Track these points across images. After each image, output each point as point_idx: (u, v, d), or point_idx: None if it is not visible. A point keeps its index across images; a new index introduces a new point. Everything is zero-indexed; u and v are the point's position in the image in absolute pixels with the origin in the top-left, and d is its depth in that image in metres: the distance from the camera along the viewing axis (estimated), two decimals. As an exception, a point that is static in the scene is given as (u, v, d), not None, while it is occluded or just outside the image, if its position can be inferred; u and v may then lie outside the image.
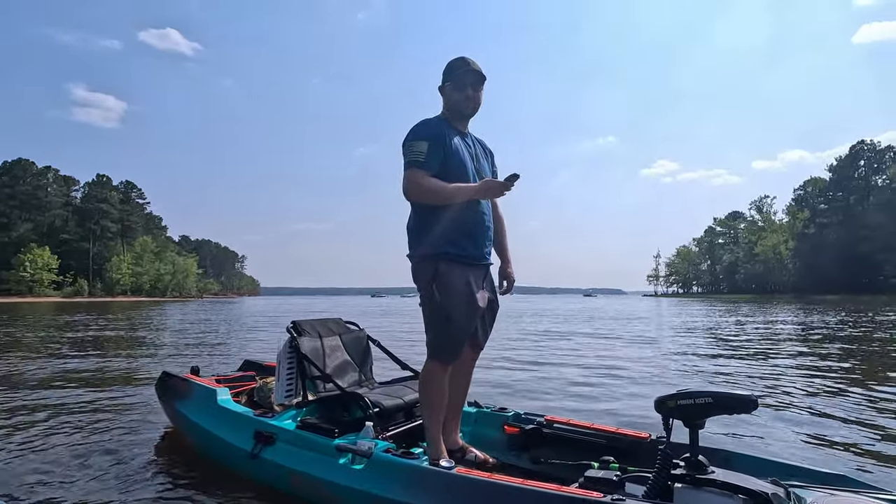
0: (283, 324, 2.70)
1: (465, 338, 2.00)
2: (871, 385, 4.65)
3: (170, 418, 3.04)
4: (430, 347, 1.98)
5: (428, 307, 1.97)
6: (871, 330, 10.93)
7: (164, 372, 3.07)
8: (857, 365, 6.02)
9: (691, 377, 5.32)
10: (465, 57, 2.06)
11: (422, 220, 2.00)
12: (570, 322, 15.23)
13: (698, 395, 1.49)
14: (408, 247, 2.06)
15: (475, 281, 2.01)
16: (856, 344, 8.33)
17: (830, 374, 5.33)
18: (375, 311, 26.22)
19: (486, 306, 2.07)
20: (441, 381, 1.98)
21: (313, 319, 2.74)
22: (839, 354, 6.98)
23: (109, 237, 79.39)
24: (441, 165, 1.94)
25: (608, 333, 10.94)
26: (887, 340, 8.84)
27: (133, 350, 7.95)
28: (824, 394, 4.35)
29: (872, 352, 7.40)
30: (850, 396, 4.20)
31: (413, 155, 1.91)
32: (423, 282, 1.97)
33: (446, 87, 2.07)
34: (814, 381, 4.92)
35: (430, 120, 2.05)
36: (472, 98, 2.06)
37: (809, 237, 69.63)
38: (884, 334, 9.94)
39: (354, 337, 2.85)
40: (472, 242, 2.00)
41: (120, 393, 4.42)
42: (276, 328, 12.26)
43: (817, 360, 6.44)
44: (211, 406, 2.53)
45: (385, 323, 15.14)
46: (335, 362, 2.61)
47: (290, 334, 2.52)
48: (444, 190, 1.89)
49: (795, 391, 4.42)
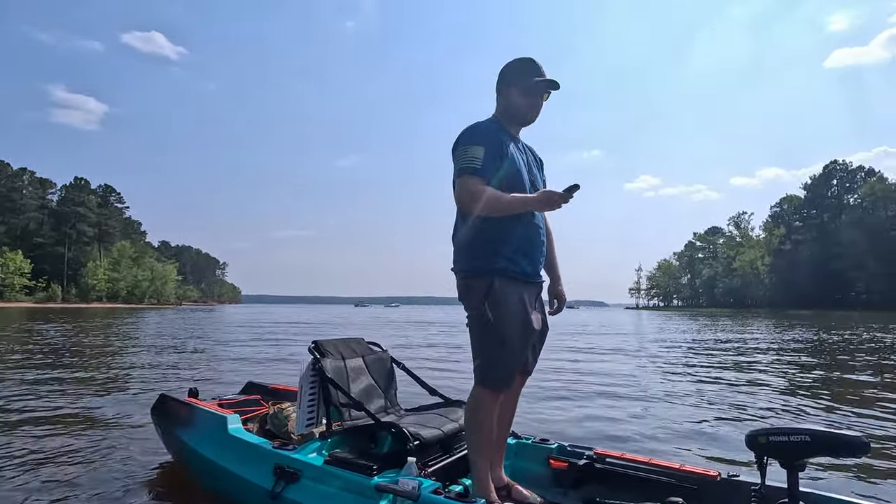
0: (266, 336, 2.62)
1: (519, 363, 1.84)
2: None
3: (168, 448, 2.75)
4: (479, 373, 1.80)
5: (478, 328, 1.79)
6: (835, 350, 10.90)
7: (162, 395, 2.76)
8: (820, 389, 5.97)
9: (675, 394, 5.14)
10: (534, 60, 1.89)
11: (474, 231, 1.82)
12: (561, 336, 15.22)
13: (794, 433, 1.36)
14: (454, 261, 1.90)
15: (529, 300, 1.84)
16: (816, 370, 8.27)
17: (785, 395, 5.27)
18: (362, 321, 25.81)
19: (540, 329, 1.90)
20: (491, 412, 1.81)
21: (334, 339, 2.51)
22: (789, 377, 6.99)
23: (86, 242, 77.47)
24: (497, 173, 1.79)
25: (594, 347, 10.93)
26: (850, 366, 8.54)
27: (99, 363, 7.52)
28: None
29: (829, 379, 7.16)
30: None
31: (468, 161, 1.75)
32: (474, 300, 1.79)
33: (510, 90, 1.89)
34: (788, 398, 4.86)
35: (484, 123, 1.88)
36: (539, 106, 1.91)
37: (785, 253, 71.38)
38: (848, 357, 9.68)
39: (378, 358, 2.61)
40: (527, 258, 1.84)
41: (94, 417, 3.94)
42: (259, 342, 11.78)
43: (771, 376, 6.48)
44: (220, 435, 2.25)
45: (376, 335, 14.90)
46: (359, 386, 2.38)
47: (313, 355, 2.28)
48: (502, 200, 1.72)
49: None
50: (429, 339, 13.23)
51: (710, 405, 4.69)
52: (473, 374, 1.81)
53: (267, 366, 7.50)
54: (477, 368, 1.81)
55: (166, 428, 2.63)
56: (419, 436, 1.98)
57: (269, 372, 6.69)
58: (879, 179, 64.16)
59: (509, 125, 1.93)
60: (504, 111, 1.93)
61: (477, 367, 1.81)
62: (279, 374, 6.24)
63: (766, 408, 4.59)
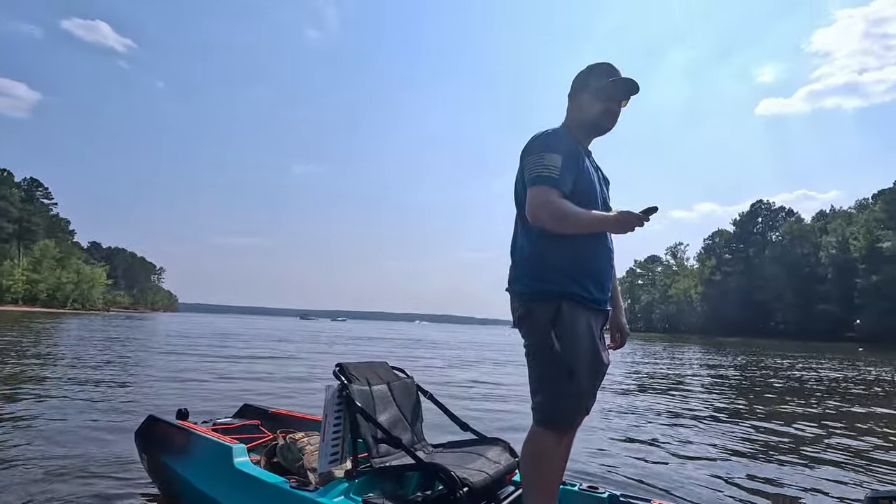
0: (196, 349, 2.48)
1: (587, 400, 1.63)
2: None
3: (155, 479, 2.44)
4: (541, 412, 1.60)
5: (542, 359, 1.59)
6: (749, 376, 11.98)
7: (151, 416, 2.46)
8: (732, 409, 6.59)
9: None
10: (611, 63, 1.71)
11: (542, 248, 1.62)
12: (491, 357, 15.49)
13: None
14: (513, 279, 1.70)
15: (596, 330, 1.65)
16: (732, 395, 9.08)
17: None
18: (309, 335, 24.97)
19: (607, 363, 1.68)
20: (556, 457, 1.61)
21: (358, 362, 2.21)
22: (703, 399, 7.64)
23: (4, 238, 71.12)
24: (572, 186, 1.60)
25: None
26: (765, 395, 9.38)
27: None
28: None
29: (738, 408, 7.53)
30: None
31: (546, 169, 1.56)
32: (538, 326, 1.59)
33: (582, 95, 1.71)
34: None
35: (559, 130, 1.68)
36: (615, 113, 1.71)
37: (715, 283, 76.19)
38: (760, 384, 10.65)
39: (403, 386, 2.31)
40: (596, 283, 1.64)
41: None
42: (190, 356, 11.40)
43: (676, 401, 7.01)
44: (224, 469, 1.96)
45: (324, 350, 14.64)
46: (386, 417, 2.09)
47: (339, 379, 1.97)
48: (582, 218, 1.53)
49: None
50: (387, 355, 13.14)
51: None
52: (533, 413, 1.62)
53: (185, 386, 6.94)
54: (538, 406, 1.60)
55: (154, 456, 2.31)
56: (468, 481, 1.71)
57: (188, 394, 6.26)
58: (797, 220, 70.30)
59: (580, 135, 1.74)
60: (574, 119, 1.74)
61: (538, 404, 1.60)
62: (210, 395, 5.98)
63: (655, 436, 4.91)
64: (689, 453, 4.01)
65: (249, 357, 11.28)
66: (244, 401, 2.99)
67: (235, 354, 11.69)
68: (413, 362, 11.74)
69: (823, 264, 60.92)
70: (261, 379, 7.59)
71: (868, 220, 56.18)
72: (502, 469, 1.91)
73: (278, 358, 11.57)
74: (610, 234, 1.71)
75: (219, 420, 2.61)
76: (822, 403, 7.22)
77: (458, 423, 2.36)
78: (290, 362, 10.71)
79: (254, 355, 11.76)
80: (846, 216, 63.10)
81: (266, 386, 6.86)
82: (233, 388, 6.39)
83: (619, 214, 1.53)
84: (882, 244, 51.71)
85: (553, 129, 1.68)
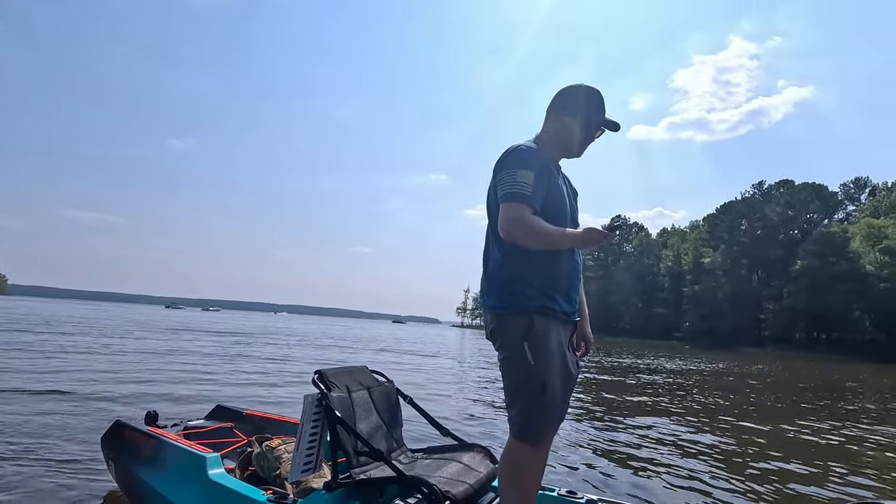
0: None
1: (561, 410, 1.66)
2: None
3: (123, 488, 2.34)
4: (517, 425, 1.62)
5: (515, 372, 1.62)
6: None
7: (118, 421, 2.34)
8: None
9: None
10: (599, 92, 1.77)
11: (514, 264, 1.66)
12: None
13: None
14: (485, 294, 1.73)
15: (565, 341, 1.69)
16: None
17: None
18: (171, 325, 22.62)
19: (575, 373, 1.71)
20: (534, 466, 1.63)
21: (338, 368, 2.16)
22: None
23: None
24: (542, 202, 1.64)
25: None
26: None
27: None
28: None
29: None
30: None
31: (518, 186, 1.59)
32: (512, 339, 1.62)
33: (568, 119, 1.75)
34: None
35: (531, 147, 1.69)
36: (590, 143, 1.80)
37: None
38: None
39: (384, 391, 2.27)
40: (565, 297, 1.69)
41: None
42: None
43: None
44: (198, 480, 1.90)
45: (184, 342, 13.93)
46: (367, 426, 2.05)
47: (318, 387, 1.93)
48: (552, 233, 1.57)
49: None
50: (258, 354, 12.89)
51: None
52: (510, 426, 1.65)
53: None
54: (514, 418, 1.63)
55: (122, 464, 2.24)
56: (450, 493, 1.71)
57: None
58: (646, 234, 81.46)
59: (553, 151, 1.78)
60: (553, 137, 1.78)
61: (514, 416, 1.63)
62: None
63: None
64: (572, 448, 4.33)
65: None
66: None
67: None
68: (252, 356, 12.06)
69: (663, 274, 71.61)
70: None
71: (696, 239, 67.49)
72: (483, 477, 1.91)
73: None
74: (578, 249, 1.74)
75: (190, 423, 2.54)
76: (690, 397, 9.06)
77: (438, 429, 2.37)
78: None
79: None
80: (681, 234, 75.00)
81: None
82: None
83: (584, 231, 1.58)
84: (704, 259, 62.50)
85: (526, 145, 1.71)
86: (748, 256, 60.70)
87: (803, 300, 48.89)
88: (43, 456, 3.13)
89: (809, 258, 48.94)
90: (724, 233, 63.63)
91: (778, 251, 57.33)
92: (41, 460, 3.03)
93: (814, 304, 47.52)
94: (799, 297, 49.53)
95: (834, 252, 47.39)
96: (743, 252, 61.21)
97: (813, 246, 49.34)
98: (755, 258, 60.11)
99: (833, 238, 48.46)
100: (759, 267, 61.09)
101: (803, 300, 48.89)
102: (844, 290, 45.29)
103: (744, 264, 61.13)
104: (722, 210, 66.24)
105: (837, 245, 47.68)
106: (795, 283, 50.64)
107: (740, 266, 61.06)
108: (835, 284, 45.90)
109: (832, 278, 46.26)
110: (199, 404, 5.01)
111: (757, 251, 59.65)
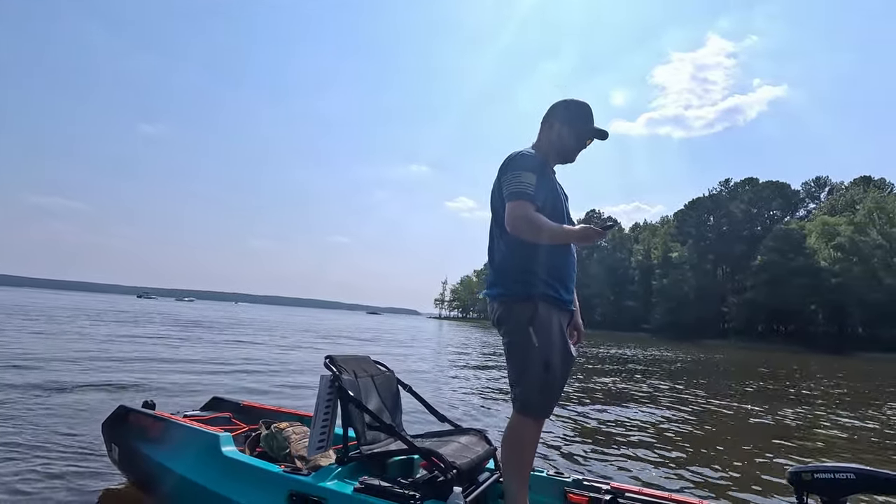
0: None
1: (560, 389, 1.83)
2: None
3: (127, 469, 2.44)
4: (521, 401, 1.79)
5: (521, 353, 1.79)
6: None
7: (122, 406, 2.46)
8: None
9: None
10: (589, 105, 2.00)
11: (519, 256, 1.85)
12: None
13: (839, 471, 1.41)
14: (492, 283, 1.91)
15: (563, 327, 1.87)
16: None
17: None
18: (148, 317, 21.02)
19: (575, 356, 1.90)
20: (534, 441, 1.80)
21: (345, 356, 2.31)
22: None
23: None
24: (542, 203, 1.84)
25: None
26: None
27: None
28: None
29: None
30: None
31: (522, 186, 1.79)
32: (518, 324, 1.80)
33: (562, 128, 1.97)
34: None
35: (532, 153, 1.92)
36: (582, 150, 2.02)
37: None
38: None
39: (385, 379, 2.43)
40: (565, 287, 1.88)
41: None
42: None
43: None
44: (214, 456, 2.03)
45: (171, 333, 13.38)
46: (372, 408, 2.19)
47: (330, 370, 2.08)
48: (553, 229, 1.75)
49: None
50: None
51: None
52: (513, 403, 1.81)
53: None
54: (518, 396, 1.79)
55: (128, 446, 2.34)
56: (455, 464, 1.86)
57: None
58: (619, 229, 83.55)
59: (550, 157, 2.00)
60: (549, 145, 2.00)
61: (518, 394, 1.79)
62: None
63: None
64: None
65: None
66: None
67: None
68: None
69: (633, 268, 73.84)
70: None
71: (665, 234, 69.76)
72: (482, 454, 2.08)
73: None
74: (574, 244, 1.91)
75: (187, 413, 2.63)
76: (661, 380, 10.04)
77: (436, 415, 2.51)
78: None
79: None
80: (652, 228, 77.28)
81: None
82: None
83: (581, 229, 1.74)
84: (672, 254, 64.78)
85: (527, 151, 1.92)
86: (714, 251, 63.24)
87: (763, 294, 51.29)
88: (29, 446, 3.10)
89: (769, 254, 51.36)
90: (691, 228, 65.98)
91: (742, 247, 59.79)
92: (21, 451, 2.99)
93: (773, 297, 49.95)
94: (759, 291, 51.93)
95: (792, 248, 49.86)
96: (709, 247, 63.71)
97: (773, 242, 51.75)
98: (720, 253, 62.68)
99: (791, 235, 50.98)
100: (723, 262, 63.70)
101: (763, 294, 51.29)
102: (800, 284, 47.76)
103: (709, 259, 63.66)
104: (690, 206, 68.50)
105: (795, 241, 50.18)
106: (756, 278, 53.02)
107: (706, 261, 63.56)
108: (792, 279, 48.33)
109: (790, 273, 48.69)
110: (192, 396, 5.11)
111: (722, 246, 62.15)
